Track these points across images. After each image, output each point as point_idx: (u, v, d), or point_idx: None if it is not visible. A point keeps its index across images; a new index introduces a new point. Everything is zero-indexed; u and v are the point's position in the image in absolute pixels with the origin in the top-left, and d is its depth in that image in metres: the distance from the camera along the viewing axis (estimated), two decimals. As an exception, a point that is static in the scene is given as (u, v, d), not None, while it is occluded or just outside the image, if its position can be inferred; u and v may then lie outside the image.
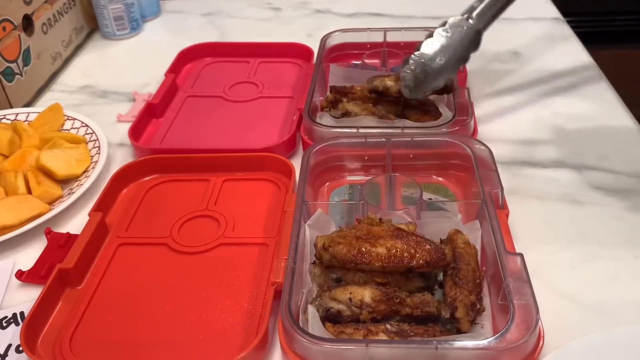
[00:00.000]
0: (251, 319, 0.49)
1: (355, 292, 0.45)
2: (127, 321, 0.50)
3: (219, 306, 0.50)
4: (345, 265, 0.47)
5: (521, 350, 0.41)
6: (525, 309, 0.43)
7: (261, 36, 0.93)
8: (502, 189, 0.54)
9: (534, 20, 0.93)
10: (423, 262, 0.45)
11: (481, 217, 0.52)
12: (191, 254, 0.55)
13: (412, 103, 0.67)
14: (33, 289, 0.53)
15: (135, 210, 0.60)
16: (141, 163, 0.64)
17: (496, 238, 0.48)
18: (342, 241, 0.47)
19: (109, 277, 0.54)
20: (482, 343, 0.41)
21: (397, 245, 0.46)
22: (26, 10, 0.78)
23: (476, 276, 0.46)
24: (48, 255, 0.55)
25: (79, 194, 0.61)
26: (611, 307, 0.49)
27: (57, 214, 0.59)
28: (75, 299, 0.51)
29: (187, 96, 0.79)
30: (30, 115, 0.73)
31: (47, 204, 0.60)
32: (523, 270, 0.46)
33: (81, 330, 0.49)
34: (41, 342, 0.48)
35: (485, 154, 0.58)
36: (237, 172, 0.64)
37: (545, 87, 0.78)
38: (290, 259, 0.48)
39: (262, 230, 0.57)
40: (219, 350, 0.47)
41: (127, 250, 0.56)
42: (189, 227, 0.58)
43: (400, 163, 0.61)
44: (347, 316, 0.45)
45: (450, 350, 0.41)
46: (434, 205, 0.57)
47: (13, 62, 0.76)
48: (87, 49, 0.93)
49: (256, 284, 0.52)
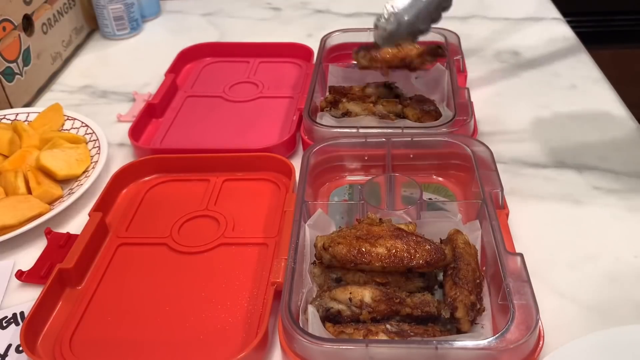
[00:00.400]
0: (251, 319, 0.49)
1: (355, 292, 0.45)
2: (127, 321, 0.50)
3: (218, 306, 0.50)
4: (345, 265, 0.47)
5: (521, 350, 0.41)
6: (525, 309, 0.43)
7: (261, 36, 0.93)
8: (502, 189, 0.54)
9: (534, 20, 0.93)
10: (423, 262, 0.45)
11: (481, 217, 0.52)
12: (191, 254, 0.56)
13: (408, 102, 0.67)
14: (33, 289, 0.53)
15: (135, 210, 0.60)
16: (141, 163, 0.64)
17: (496, 238, 0.48)
18: (342, 241, 0.47)
19: (109, 277, 0.54)
20: (482, 343, 0.41)
21: (397, 245, 0.46)
22: (26, 10, 0.78)
23: (476, 276, 0.46)
24: (48, 255, 0.55)
25: (79, 194, 0.61)
26: (611, 307, 0.49)
27: (57, 214, 0.59)
28: (75, 299, 0.51)
29: (187, 96, 0.79)
30: (30, 115, 0.73)
31: (47, 204, 0.60)
32: (523, 270, 0.46)
33: (81, 330, 0.49)
34: (41, 342, 0.48)
35: (485, 154, 0.58)
36: (237, 172, 0.64)
37: (545, 87, 0.78)
38: (290, 259, 0.48)
39: (262, 230, 0.57)
40: (219, 350, 0.47)
41: (127, 250, 0.56)
42: (189, 227, 0.58)
43: (400, 163, 0.61)
44: (347, 316, 0.45)
45: (450, 350, 0.41)
46: (434, 205, 0.57)
47: (13, 62, 0.76)
48: (87, 49, 0.93)
49: (256, 284, 0.52)
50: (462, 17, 0.95)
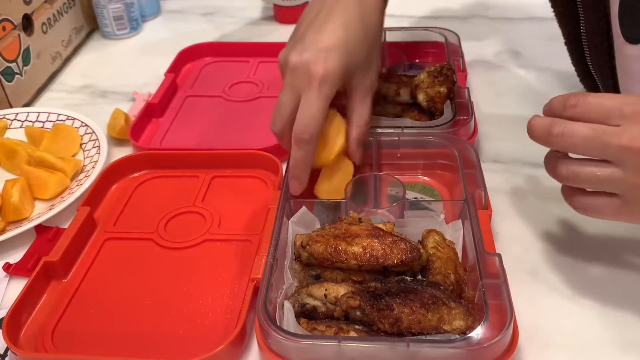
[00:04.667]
0: (231, 315, 0.49)
1: (331, 288, 0.45)
2: (109, 314, 0.50)
3: (200, 301, 0.51)
4: (322, 263, 0.47)
5: (493, 350, 0.41)
6: (499, 309, 0.42)
7: (261, 36, 0.94)
8: (486, 189, 0.53)
9: (534, 20, 0.92)
10: (398, 261, 0.45)
11: (464, 217, 0.52)
12: (176, 249, 0.56)
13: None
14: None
15: (123, 206, 0.61)
16: (131, 159, 0.65)
17: (475, 238, 0.48)
18: (320, 240, 0.47)
19: (94, 270, 0.54)
20: (454, 342, 0.41)
21: (373, 244, 0.46)
22: (26, 10, 0.79)
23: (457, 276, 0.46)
24: (36, 248, 0.56)
25: (79, 194, 0.61)
26: (611, 307, 0.49)
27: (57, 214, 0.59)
28: (60, 292, 0.52)
29: (187, 96, 0.79)
30: (30, 115, 0.74)
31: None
32: (500, 270, 0.45)
33: (64, 322, 0.50)
34: (24, 334, 0.49)
35: (470, 154, 0.57)
36: (226, 169, 0.65)
37: (546, 87, 0.77)
38: (270, 256, 0.48)
39: (247, 227, 0.58)
40: (198, 345, 0.47)
41: (114, 244, 0.57)
42: (176, 222, 0.59)
43: (388, 162, 0.61)
44: (322, 312, 0.45)
45: (422, 348, 0.41)
46: (419, 204, 0.57)
47: (13, 62, 0.77)
48: (87, 49, 0.94)
49: (237, 280, 0.52)
50: (462, 17, 0.95)
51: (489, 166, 0.63)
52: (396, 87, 0.66)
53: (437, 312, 0.42)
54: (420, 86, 0.65)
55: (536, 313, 0.48)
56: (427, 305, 0.42)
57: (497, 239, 0.54)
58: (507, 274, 0.45)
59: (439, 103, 0.64)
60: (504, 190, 0.61)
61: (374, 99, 0.67)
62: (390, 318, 0.42)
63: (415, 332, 0.42)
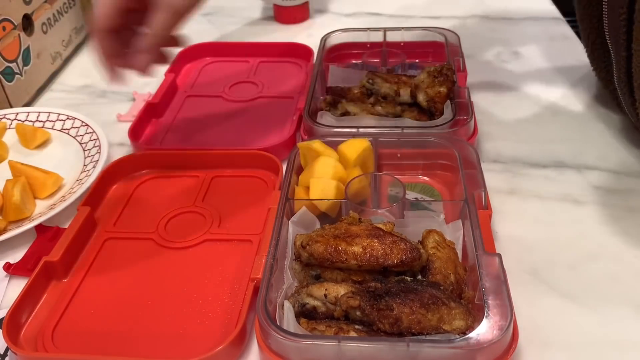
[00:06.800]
0: (231, 314, 0.49)
1: (331, 288, 0.45)
2: (109, 314, 0.50)
3: (200, 301, 0.51)
4: (322, 263, 0.47)
5: (493, 350, 0.41)
6: (499, 309, 0.42)
7: (261, 36, 0.94)
8: (486, 189, 0.53)
9: (534, 20, 0.92)
10: (398, 261, 0.45)
11: (464, 217, 0.52)
12: (176, 249, 0.56)
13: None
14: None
15: (124, 206, 0.61)
16: (131, 159, 0.65)
17: (475, 238, 0.48)
18: (320, 240, 0.47)
19: (95, 270, 0.54)
20: (454, 342, 0.41)
21: (373, 244, 0.46)
22: (26, 10, 0.79)
23: (457, 276, 0.46)
24: (37, 248, 0.56)
25: (80, 193, 0.61)
26: (611, 307, 0.49)
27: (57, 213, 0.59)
28: (60, 291, 0.52)
29: (187, 96, 0.80)
30: (31, 115, 0.74)
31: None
32: (500, 270, 0.45)
33: (64, 322, 0.50)
34: (24, 333, 0.49)
35: (470, 154, 0.57)
36: (226, 169, 0.65)
37: (546, 87, 0.77)
38: (270, 256, 0.48)
39: (247, 227, 0.58)
40: (198, 344, 0.47)
41: (114, 244, 0.57)
42: (176, 222, 0.59)
43: (387, 162, 0.61)
44: (322, 312, 0.45)
45: (422, 348, 0.41)
46: (419, 204, 0.57)
47: (13, 62, 0.77)
48: (87, 49, 0.94)
49: (238, 280, 0.52)
50: (462, 17, 0.95)
51: (489, 166, 0.64)
52: (396, 87, 0.67)
53: (437, 312, 0.42)
54: (420, 86, 0.65)
55: (536, 313, 0.48)
56: (427, 305, 0.42)
57: (497, 239, 0.54)
58: (507, 274, 0.45)
59: (439, 103, 0.64)
60: (504, 190, 0.61)
61: (372, 100, 0.67)
62: (390, 318, 0.42)
63: (415, 332, 0.42)
